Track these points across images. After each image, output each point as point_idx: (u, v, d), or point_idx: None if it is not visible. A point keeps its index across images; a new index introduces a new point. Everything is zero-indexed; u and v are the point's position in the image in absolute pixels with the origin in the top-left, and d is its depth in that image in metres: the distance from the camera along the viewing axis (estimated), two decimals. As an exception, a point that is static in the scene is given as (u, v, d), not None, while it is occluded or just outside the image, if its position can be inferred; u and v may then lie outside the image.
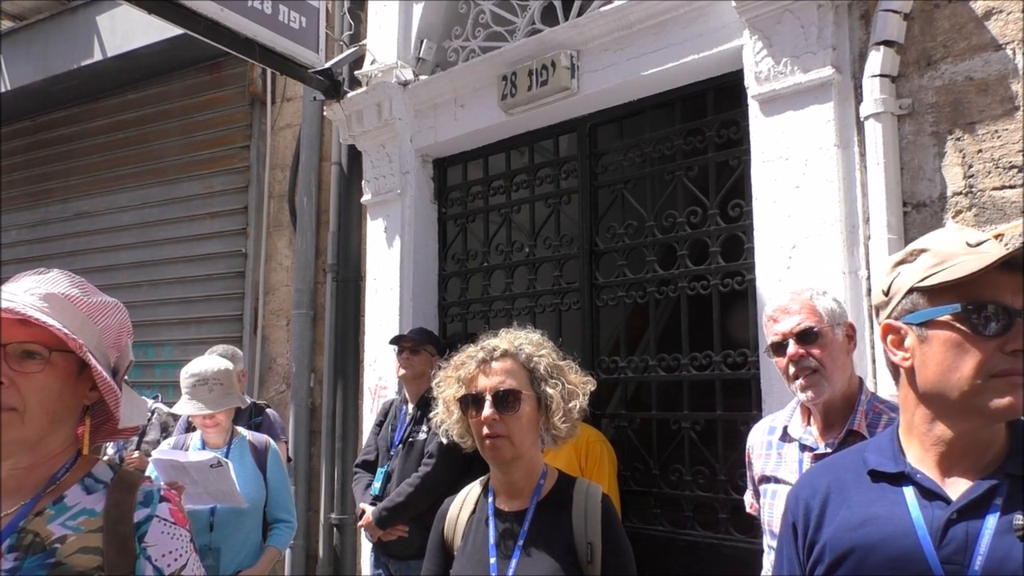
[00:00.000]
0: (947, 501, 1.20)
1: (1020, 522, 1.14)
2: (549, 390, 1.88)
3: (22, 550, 1.24)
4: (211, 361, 3.33)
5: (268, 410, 4.41)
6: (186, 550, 1.33)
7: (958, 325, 1.21)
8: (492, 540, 1.87)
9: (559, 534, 1.83)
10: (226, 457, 3.19)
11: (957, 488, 1.20)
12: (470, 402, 1.88)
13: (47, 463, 1.32)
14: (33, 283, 1.33)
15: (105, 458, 2.38)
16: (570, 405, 1.91)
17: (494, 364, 1.89)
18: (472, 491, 2.03)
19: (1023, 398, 1.16)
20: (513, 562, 1.82)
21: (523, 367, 1.90)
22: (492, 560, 1.84)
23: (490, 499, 1.94)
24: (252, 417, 4.15)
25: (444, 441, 2.02)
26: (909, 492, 1.24)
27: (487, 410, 1.83)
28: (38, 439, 1.29)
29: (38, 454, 1.31)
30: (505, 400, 1.84)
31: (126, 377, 1.45)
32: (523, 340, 1.94)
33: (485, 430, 1.84)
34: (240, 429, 3.46)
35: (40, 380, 1.27)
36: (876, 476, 1.29)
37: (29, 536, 1.25)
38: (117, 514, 1.29)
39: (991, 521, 1.16)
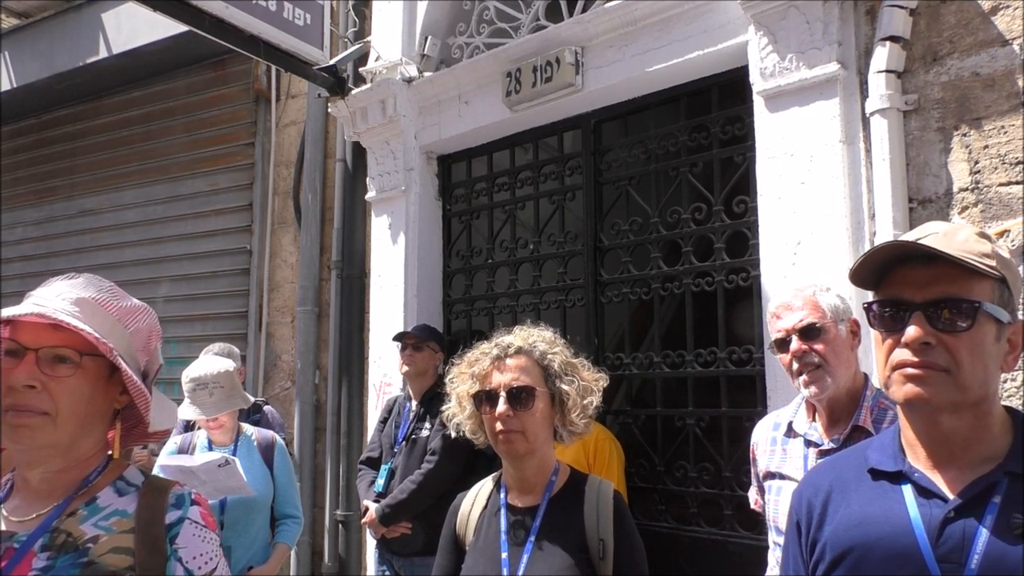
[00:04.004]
0: (944, 499, 1.20)
1: (1019, 520, 1.14)
2: (565, 387, 1.89)
3: (55, 549, 1.25)
4: (211, 364, 3.30)
5: (266, 407, 4.42)
6: (216, 553, 1.35)
7: (872, 321, 1.28)
8: (504, 535, 1.88)
9: (571, 530, 1.84)
10: (233, 455, 3.20)
11: (956, 486, 1.20)
12: (484, 398, 1.88)
13: (79, 466, 1.33)
14: (64, 288, 1.35)
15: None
16: (586, 401, 1.92)
17: (508, 361, 1.89)
18: (484, 487, 2.03)
19: (922, 388, 1.19)
20: (525, 557, 1.82)
21: (537, 364, 1.91)
22: (504, 555, 1.84)
23: (502, 495, 1.95)
24: (250, 415, 4.16)
25: (453, 435, 2.02)
26: (907, 490, 1.24)
27: (501, 406, 1.84)
28: (70, 443, 1.30)
29: (70, 458, 1.32)
30: (519, 397, 1.84)
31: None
32: (536, 337, 1.95)
33: (499, 426, 1.84)
34: (245, 426, 3.47)
35: (71, 384, 1.28)
36: (876, 475, 1.29)
37: (62, 536, 1.26)
38: (149, 515, 1.30)
39: (988, 520, 1.16)
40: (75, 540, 1.26)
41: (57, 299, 1.31)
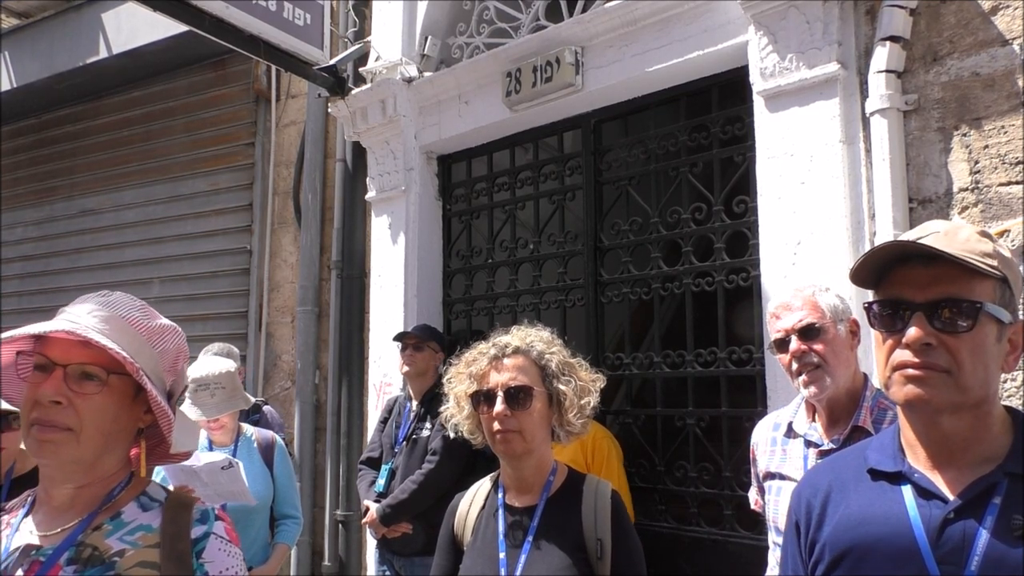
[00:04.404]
0: (944, 500, 1.19)
1: (1019, 522, 1.13)
2: (562, 387, 1.89)
3: (81, 563, 1.25)
4: (213, 365, 3.29)
5: (265, 407, 4.42)
6: (241, 568, 1.35)
7: (872, 321, 1.26)
8: (502, 535, 1.87)
9: (569, 530, 1.83)
10: (233, 455, 3.19)
11: (956, 487, 1.20)
12: (482, 398, 1.88)
13: (101, 483, 1.34)
14: (95, 305, 1.35)
15: None
16: (583, 402, 1.92)
17: (506, 361, 1.89)
18: (482, 487, 2.03)
19: (923, 389, 1.18)
20: (523, 557, 1.82)
21: (535, 364, 1.91)
22: (502, 555, 1.84)
23: (500, 494, 1.95)
24: (249, 415, 4.16)
25: (452, 436, 2.02)
26: (907, 491, 1.23)
27: (499, 406, 1.84)
28: (93, 459, 1.31)
29: (93, 474, 1.32)
30: (517, 396, 1.84)
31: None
32: (534, 337, 1.95)
33: (496, 426, 1.84)
34: (245, 426, 3.46)
35: (97, 401, 1.28)
36: (876, 475, 1.29)
37: (88, 550, 1.27)
38: (174, 530, 1.31)
39: (988, 521, 1.15)
40: (101, 554, 1.26)
41: (88, 316, 1.32)
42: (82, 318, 1.31)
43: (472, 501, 2.01)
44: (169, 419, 1.35)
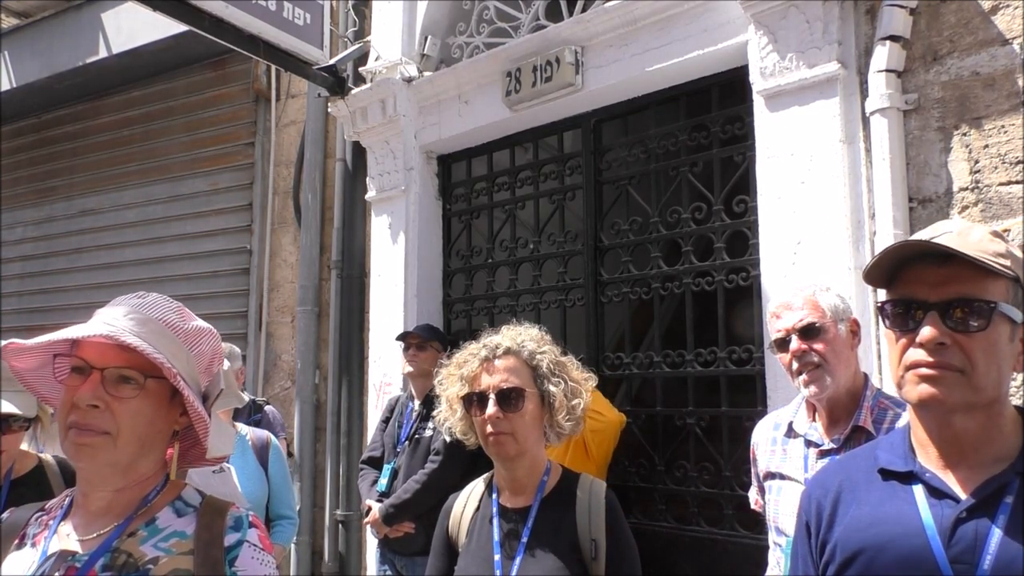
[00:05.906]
0: (956, 500, 1.19)
1: None
2: (552, 388, 1.88)
3: (115, 570, 1.25)
4: None
5: (267, 407, 4.42)
6: None
7: (884, 320, 1.25)
8: (496, 537, 1.87)
9: (563, 531, 1.83)
10: None
11: (967, 486, 1.19)
12: (474, 400, 1.87)
13: (138, 486, 1.34)
14: (131, 307, 1.35)
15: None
16: (573, 403, 1.91)
17: (497, 362, 1.88)
18: (476, 488, 2.02)
19: (937, 389, 1.17)
20: (517, 560, 1.82)
21: (526, 364, 1.90)
22: (496, 557, 1.84)
23: (494, 496, 1.94)
24: (251, 415, 4.15)
25: (448, 439, 2.02)
26: (918, 491, 1.23)
27: (491, 408, 1.83)
28: (129, 463, 1.31)
29: (129, 478, 1.32)
30: (509, 398, 1.84)
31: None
32: (525, 337, 1.94)
33: (489, 428, 1.83)
34: (240, 426, 3.44)
35: (134, 405, 1.28)
36: (886, 475, 1.28)
37: (123, 556, 1.27)
38: (208, 537, 1.31)
39: (1001, 520, 1.15)
40: (136, 561, 1.26)
41: (124, 319, 1.31)
42: (119, 321, 1.30)
43: (467, 502, 2.00)
44: (206, 423, 1.35)
